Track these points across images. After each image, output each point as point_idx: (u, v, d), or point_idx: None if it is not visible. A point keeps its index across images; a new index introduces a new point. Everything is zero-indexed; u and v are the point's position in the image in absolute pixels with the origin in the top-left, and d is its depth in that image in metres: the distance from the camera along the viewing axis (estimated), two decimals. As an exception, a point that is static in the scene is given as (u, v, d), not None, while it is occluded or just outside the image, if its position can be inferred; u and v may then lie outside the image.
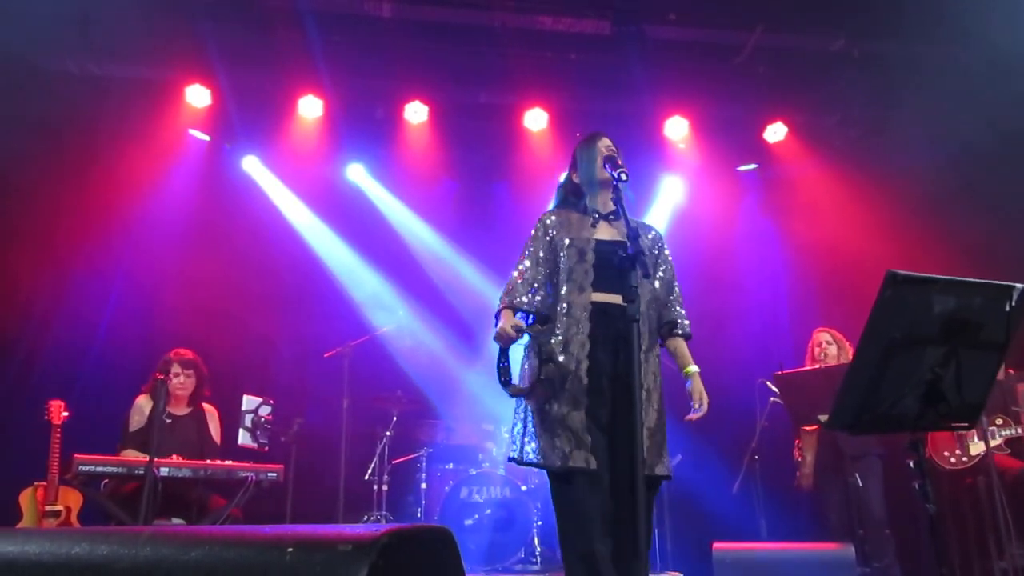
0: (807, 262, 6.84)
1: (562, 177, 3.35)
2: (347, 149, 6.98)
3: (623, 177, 2.89)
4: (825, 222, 6.64)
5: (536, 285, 3.03)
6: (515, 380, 2.95)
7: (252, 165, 6.98)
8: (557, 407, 2.83)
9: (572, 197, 3.23)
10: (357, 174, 7.18)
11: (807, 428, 4.95)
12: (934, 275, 2.12)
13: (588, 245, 3.00)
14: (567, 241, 3.02)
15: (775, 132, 6.88)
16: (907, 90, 5.94)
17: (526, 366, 3.00)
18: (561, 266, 3.00)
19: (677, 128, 6.83)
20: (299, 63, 6.15)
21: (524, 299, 3.00)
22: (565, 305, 2.93)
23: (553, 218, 3.16)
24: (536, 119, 6.74)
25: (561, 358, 2.86)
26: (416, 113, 6.66)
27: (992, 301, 2.19)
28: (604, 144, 3.15)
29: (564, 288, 2.96)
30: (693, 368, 3.09)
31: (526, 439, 2.91)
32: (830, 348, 5.04)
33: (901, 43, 5.96)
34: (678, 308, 3.17)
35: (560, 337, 2.89)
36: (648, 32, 6.00)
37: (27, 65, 5.85)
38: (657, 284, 3.11)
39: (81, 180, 6.03)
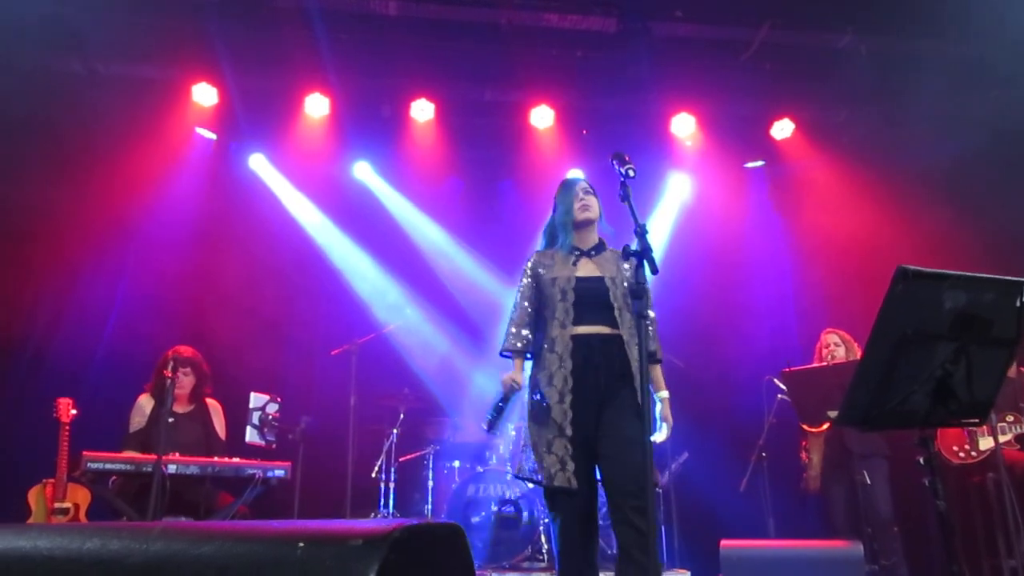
0: (815, 259, 6.81)
1: (547, 223, 3.59)
2: (353, 147, 6.98)
3: (630, 173, 2.92)
4: (833, 219, 6.62)
5: (526, 328, 3.35)
6: (498, 424, 3.33)
7: (259, 163, 6.99)
8: (545, 434, 3.14)
9: (556, 237, 3.47)
10: (363, 172, 7.18)
11: (813, 430, 4.94)
12: (945, 270, 2.11)
13: (569, 284, 3.26)
14: (551, 281, 3.29)
15: (782, 129, 6.86)
16: (915, 85, 5.91)
17: (524, 399, 3.35)
18: (547, 303, 3.29)
19: (684, 125, 6.82)
20: (305, 61, 6.15)
21: (519, 344, 3.33)
22: (550, 341, 3.21)
23: (538, 259, 3.44)
24: (542, 116, 6.73)
25: (547, 391, 3.16)
26: (422, 111, 6.66)
27: (1003, 297, 2.18)
28: (581, 187, 3.44)
29: (549, 324, 3.24)
30: (664, 394, 3.34)
31: (523, 457, 3.23)
32: (838, 350, 5.02)
33: (908, 38, 5.93)
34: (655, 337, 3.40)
35: (546, 372, 3.18)
36: (654, 29, 6.00)
37: (33, 65, 5.87)
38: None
39: (88, 179, 6.05)
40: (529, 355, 3.37)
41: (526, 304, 3.37)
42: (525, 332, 3.34)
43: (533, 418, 3.23)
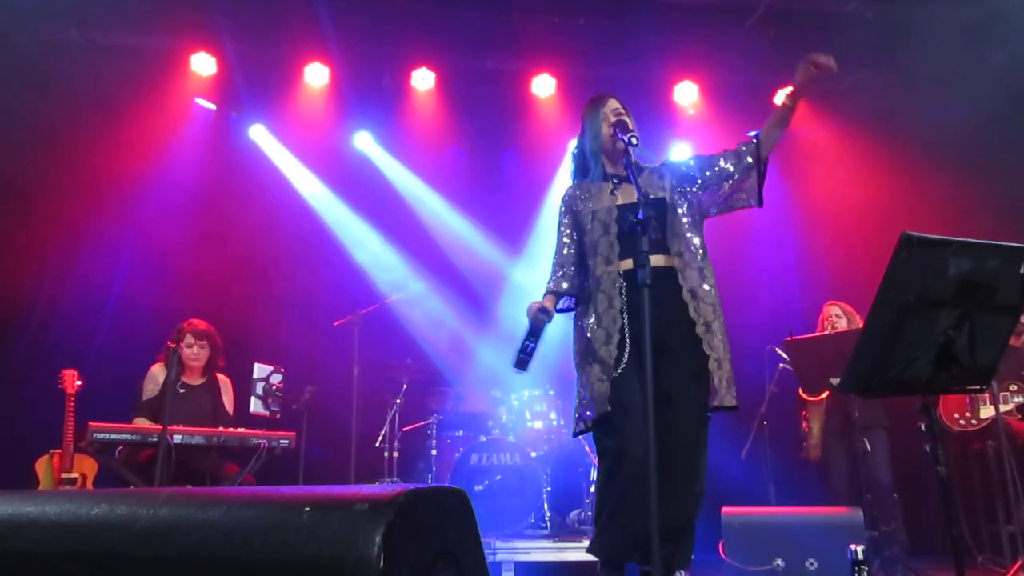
0: (818, 227, 6.79)
1: (573, 145, 3.27)
2: (354, 117, 6.93)
3: (633, 142, 2.80)
4: (837, 187, 6.58)
5: (568, 265, 3.03)
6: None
7: (259, 134, 6.95)
8: (595, 381, 2.82)
9: (588, 163, 3.14)
10: (364, 142, 7.14)
11: (813, 399, 4.95)
12: (949, 237, 2.10)
13: (610, 215, 2.93)
14: (590, 215, 2.98)
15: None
16: (920, 50, 5.83)
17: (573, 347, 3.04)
18: (587, 240, 2.97)
19: (687, 93, 6.77)
20: (305, 30, 6.10)
21: (562, 283, 3.01)
22: (595, 281, 2.91)
23: (573, 192, 3.11)
24: (544, 85, 6.69)
25: (595, 333, 2.84)
26: (423, 80, 6.62)
27: (1007, 264, 2.18)
28: (611, 108, 3.07)
29: (592, 262, 2.93)
30: (787, 90, 2.99)
31: (576, 412, 2.91)
32: (840, 322, 5.03)
33: (913, 4, 5.85)
34: (731, 157, 3.00)
35: (593, 315, 2.88)
36: (657, -5, 5.92)
37: (30, 34, 5.81)
38: (687, 195, 3.04)
39: (87, 150, 6.02)
40: (572, 305, 3.07)
41: (567, 242, 3.05)
42: (570, 271, 3.02)
43: (579, 367, 2.91)
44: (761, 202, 3.01)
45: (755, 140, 2.98)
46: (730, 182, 3.01)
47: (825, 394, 4.92)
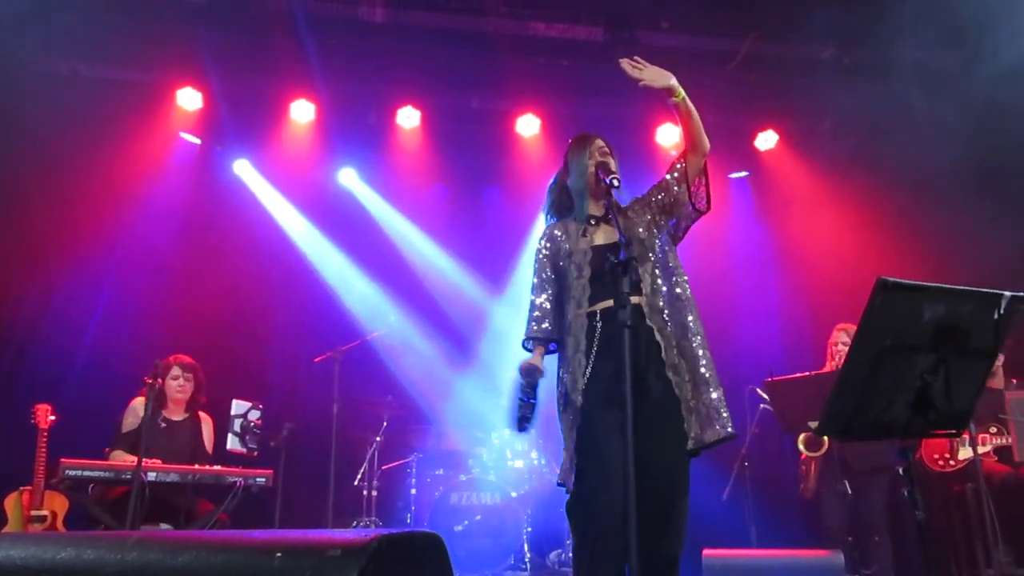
0: (798, 270, 6.86)
1: (551, 180, 3.24)
2: (339, 153, 6.96)
3: (615, 183, 2.80)
4: (816, 229, 6.67)
5: (548, 313, 2.96)
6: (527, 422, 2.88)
7: (243, 169, 6.95)
8: (565, 428, 2.79)
9: (566, 199, 3.13)
10: (349, 178, 7.16)
11: (813, 455, 4.91)
12: (924, 283, 2.13)
13: (584, 257, 2.90)
14: (567, 256, 2.94)
15: (766, 140, 6.92)
16: (896, 97, 5.96)
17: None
18: (564, 283, 2.93)
19: (669, 135, 6.85)
20: (292, 67, 6.14)
21: (534, 327, 2.94)
22: (567, 325, 2.87)
23: (550, 233, 3.08)
24: (528, 125, 6.76)
25: (566, 379, 2.81)
26: (408, 118, 6.67)
27: (981, 308, 2.20)
28: (597, 147, 3.07)
29: (567, 306, 2.89)
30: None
31: (562, 463, 2.81)
32: (846, 349, 5.06)
33: (890, 50, 5.99)
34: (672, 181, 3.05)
35: (565, 359, 2.84)
36: (641, 39, 6.03)
37: (15, 66, 5.81)
38: (654, 214, 3.05)
39: (70, 183, 5.99)
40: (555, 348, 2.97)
41: (544, 287, 2.99)
42: (547, 318, 2.95)
43: (559, 415, 2.86)
44: (709, 206, 3.07)
45: (681, 164, 3.05)
46: (674, 202, 3.05)
47: (824, 448, 4.87)
